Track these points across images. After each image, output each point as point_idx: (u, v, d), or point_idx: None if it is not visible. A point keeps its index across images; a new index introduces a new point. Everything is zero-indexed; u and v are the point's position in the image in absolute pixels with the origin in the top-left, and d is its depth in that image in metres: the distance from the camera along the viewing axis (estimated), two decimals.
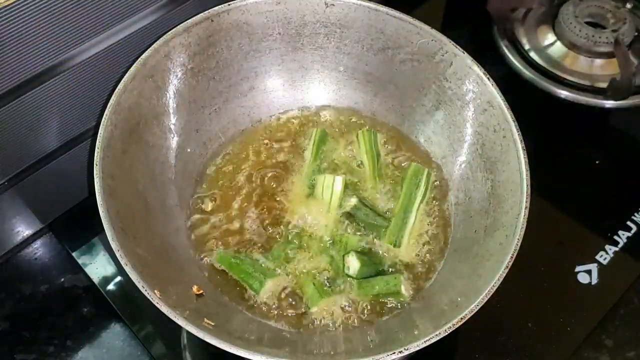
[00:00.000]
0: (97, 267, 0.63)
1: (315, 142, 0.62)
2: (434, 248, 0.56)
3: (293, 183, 0.60)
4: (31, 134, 0.56)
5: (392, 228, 0.56)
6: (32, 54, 0.51)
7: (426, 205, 0.58)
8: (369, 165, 0.60)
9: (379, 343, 0.48)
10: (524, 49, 0.79)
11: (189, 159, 0.59)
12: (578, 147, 0.73)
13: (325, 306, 0.53)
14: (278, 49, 0.62)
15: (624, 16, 0.77)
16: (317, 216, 0.57)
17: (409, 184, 0.58)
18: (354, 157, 0.62)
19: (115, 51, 0.57)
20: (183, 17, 0.57)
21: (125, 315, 0.59)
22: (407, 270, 0.55)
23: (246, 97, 0.63)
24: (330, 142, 0.63)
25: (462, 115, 0.57)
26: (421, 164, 0.60)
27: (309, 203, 0.58)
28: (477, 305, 0.43)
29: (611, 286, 0.61)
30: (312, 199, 0.58)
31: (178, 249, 0.54)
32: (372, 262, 0.54)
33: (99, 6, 0.53)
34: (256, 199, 0.59)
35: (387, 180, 0.60)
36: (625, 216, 0.66)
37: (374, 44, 0.61)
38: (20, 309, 0.60)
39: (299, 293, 0.53)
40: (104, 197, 0.46)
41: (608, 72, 0.76)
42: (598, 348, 0.58)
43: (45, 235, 0.66)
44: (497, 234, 0.49)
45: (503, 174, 0.52)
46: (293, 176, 0.60)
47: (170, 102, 0.57)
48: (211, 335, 0.41)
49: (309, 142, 0.62)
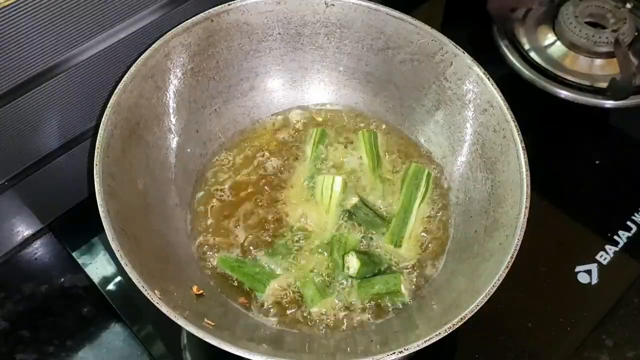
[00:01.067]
0: (97, 267, 0.63)
1: (315, 142, 0.62)
2: (434, 248, 0.56)
3: (293, 183, 0.60)
4: (31, 134, 0.56)
5: (392, 228, 0.56)
6: (32, 54, 0.51)
7: (426, 205, 0.58)
8: (369, 165, 0.60)
9: (379, 343, 0.48)
10: (524, 49, 0.79)
11: (189, 159, 0.59)
12: (578, 147, 0.73)
13: (326, 306, 0.53)
14: (278, 49, 0.62)
15: (624, 16, 0.77)
16: (317, 216, 0.57)
17: (409, 184, 0.58)
18: (354, 157, 0.62)
19: (115, 51, 0.57)
20: (183, 17, 0.57)
21: (125, 315, 0.59)
22: (407, 270, 0.55)
23: (246, 97, 0.63)
24: (330, 142, 0.63)
25: (462, 115, 0.57)
26: (421, 164, 0.60)
27: (309, 203, 0.58)
28: (477, 305, 0.43)
29: (611, 286, 0.61)
30: (312, 199, 0.58)
31: (178, 249, 0.54)
32: (372, 262, 0.54)
33: (99, 6, 0.53)
34: (256, 199, 0.59)
35: (387, 181, 0.60)
36: (625, 216, 0.66)
37: (374, 44, 0.61)
38: (20, 309, 0.60)
39: (299, 293, 0.53)
40: (104, 197, 0.46)
41: (608, 72, 0.76)
42: (598, 348, 0.58)
43: (45, 235, 0.66)
44: (497, 234, 0.49)
45: (503, 174, 0.52)
46: (293, 176, 0.60)
47: (170, 102, 0.57)
48: (211, 335, 0.41)
49: (308, 142, 0.62)
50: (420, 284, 0.54)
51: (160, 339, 0.59)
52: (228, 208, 0.58)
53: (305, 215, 0.57)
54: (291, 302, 0.53)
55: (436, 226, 0.57)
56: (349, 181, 0.59)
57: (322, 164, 0.61)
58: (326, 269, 0.54)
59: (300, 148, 0.62)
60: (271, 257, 0.55)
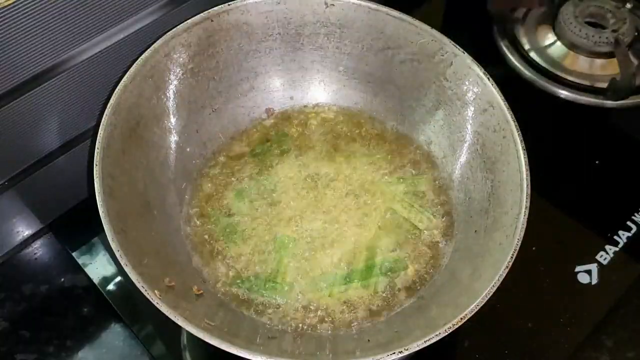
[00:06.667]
0: (97, 267, 0.63)
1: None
2: (434, 248, 0.56)
3: (293, 183, 0.60)
4: (31, 134, 0.56)
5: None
6: (32, 54, 0.51)
7: (426, 205, 0.58)
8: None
9: (379, 343, 0.48)
10: (524, 49, 0.79)
11: (189, 159, 0.59)
12: (578, 147, 0.73)
13: (326, 306, 0.53)
14: (278, 49, 0.62)
15: (624, 16, 0.77)
16: (317, 216, 0.57)
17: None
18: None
19: (115, 51, 0.57)
20: (183, 17, 0.57)
21: (125, 315, 0.59)
22: (407, 270, 0.55)
23: (246, 97, 0.63)
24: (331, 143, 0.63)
25: (462, 115, 0.57)
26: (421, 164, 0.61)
27: (309, 203, 0.58)
28: (477, 305, 0.43)
29: (611, 286, 0.61)
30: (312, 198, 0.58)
31: (178, 249, 0.54)
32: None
33: (99, 6, 0.53)
34: (256, 199, 0.59)
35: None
36: (625, 216, 0.66)
37: (374, 44, 0.61)
38: (20, 309, 0.60)
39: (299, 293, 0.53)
40: (104, 197, 0.46)
41: (608, 72, 0.76)
42: (598, 348, 0.58)
43: (45, 235, 0.66)
44: (497, 234, 0.49)
45: (503, 174, 0.52)
46: (293, 176, 0.60)
47: (170, 102, 0.57)
48: (211, 335, 0.41)
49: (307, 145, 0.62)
50: (420, 284, 0.54)
51: (160, 339, 0.59)
52: (228, 208, 0.58)
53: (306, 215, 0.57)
54: (292, 303, 0.53)
55: (436, 226, 0.57)
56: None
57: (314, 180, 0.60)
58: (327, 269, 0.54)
59: (300, 148, 0.62)
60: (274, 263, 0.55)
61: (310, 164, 0.61)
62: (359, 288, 0.53)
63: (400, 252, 0.56)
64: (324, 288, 0.53)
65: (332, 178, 0.60)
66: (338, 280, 0.54)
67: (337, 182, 0.60)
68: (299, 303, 0.53)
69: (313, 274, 0.54)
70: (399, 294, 0.53)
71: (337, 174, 0.60)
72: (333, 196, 0.59)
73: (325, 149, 0.62)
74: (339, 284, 0.54)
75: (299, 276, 0.54)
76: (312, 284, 0.54)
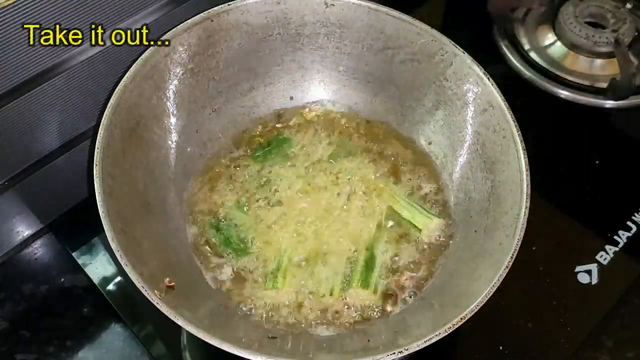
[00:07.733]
0: (97, 267, 0.63)
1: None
2: (433, 248, 0.56)
3: (292, 183, 0.60)
4: (31, 134, 0.56)
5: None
6: (32, 54, 0.51)
7: (426, 205, 0.58)
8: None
9: (379, 343, 0.48)
10: (524, 49, 0.79)
11: (189, 159, 0.59)
12: (578, 147, 0.73)
13: (326, 306, 0.53)
14: (278, 49, 0.62)
15: (624, 16, 0.77)
16: (317, 216, 0.57)
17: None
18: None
19: (115, 51, 0.57)
20: (183, 17, 0.57)
21: (125, 315, 0.59)
22: (407, 270, 0.55)
23: (246, 97, 0.63)
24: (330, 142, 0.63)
25: (462, 115, 0.57)
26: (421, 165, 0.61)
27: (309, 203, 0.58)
28: (477, 305, 0.43)
29: (611, 286, 0.61)
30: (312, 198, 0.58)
31: (178, 249, 0.54)
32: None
33: (98, 6, 0.53)
34: (256, 199, 0.59)
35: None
36: (625, 216, 0.66)
37: (374, 44, 0.61)
38: (20, 309, 0.60)
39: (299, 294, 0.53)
40: (104, 197, 0.46)
41: (608, 72, 0.76)
42: (598, 348, 0.58)
43: (45, 235, 0.66)
44: (497, 234, 0.49)
45: (503, 174, 0.52)
46: (292, 176, 0.60)
47: (170, 102, 0.57)
48: (211, 335, 0.41)
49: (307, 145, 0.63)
50: (420, 284, 0.54)
51: (160, 339, 0.59)
52: (227, 209, 0.58)
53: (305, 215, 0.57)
54: (292, 303, 0.53)
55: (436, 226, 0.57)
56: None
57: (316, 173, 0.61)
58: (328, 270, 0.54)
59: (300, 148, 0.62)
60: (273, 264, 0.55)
61: (310, 164, 0.61)
62: (359, 288, 0.53)
63: (400, 252, 0.56)
64: (324, 288, 0.53)
65: (332, 178, 0.60)
66: (338, 281, 0.54)
67: (337, 183, 0.60)
68: (299, 303, 0.53)
69: (313, 274, 0.54)
70: (398, 294, 0.53)
71: (337, 174, 0.60)
72: (333, 196, 0.59)
73: (325, 149, 0.62)
74: (339, 284, 0.54)
75: (299, 276, 0.54)
76: (312, 284, 0.54)
